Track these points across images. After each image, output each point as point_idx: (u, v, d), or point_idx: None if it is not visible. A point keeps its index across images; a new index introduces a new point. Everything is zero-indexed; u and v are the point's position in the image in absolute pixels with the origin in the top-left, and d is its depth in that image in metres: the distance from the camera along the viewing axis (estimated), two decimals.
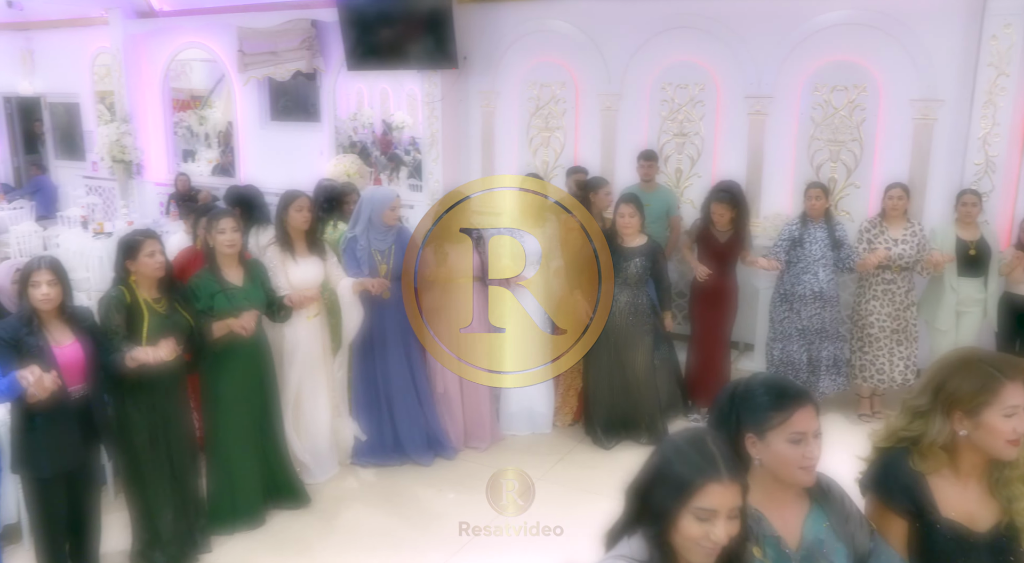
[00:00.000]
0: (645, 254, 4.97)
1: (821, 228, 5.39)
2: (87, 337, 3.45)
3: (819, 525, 1.88)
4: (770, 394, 1.83)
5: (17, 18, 11.39)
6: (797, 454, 1.79)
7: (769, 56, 6.54)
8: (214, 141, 10.86)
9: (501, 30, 7.67)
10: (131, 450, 3.73)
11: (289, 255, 4.47)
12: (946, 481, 1.95)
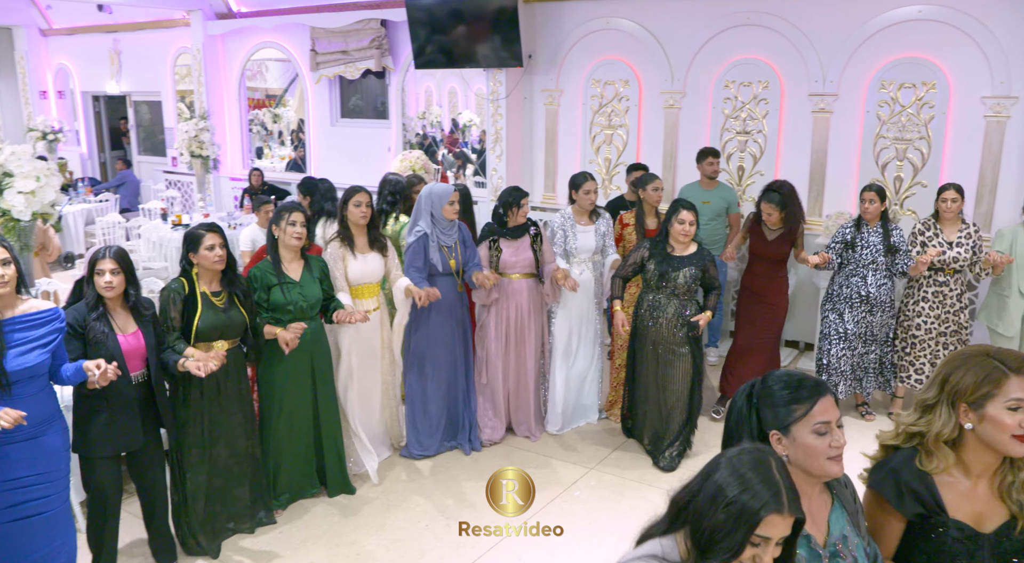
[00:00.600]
0: (695, 264, 4.70)
1: (875, 232, 5.28)
2: (149, 326, 3.57)
3: (841, 520, 1.91)
4: (788, 389, 1.84)
5: (106, 21, 11.97)
6: (824, 444, 1.80)
7: (835, 53, 6.48)
8: (287, 138, 11.23)
9: (566, 28, 7.76)
10: (180, 437, 3.85)
11: (349, 250, 4.52)
12: (955, 481, 1.95)
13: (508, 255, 4.97)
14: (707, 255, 4.75)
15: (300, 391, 4.28)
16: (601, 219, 5.31)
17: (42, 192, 4.29)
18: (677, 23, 7.14)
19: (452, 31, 7.98)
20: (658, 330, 4.78)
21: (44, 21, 13.04)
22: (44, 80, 13.50)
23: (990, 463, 1.95)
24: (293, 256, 4.20)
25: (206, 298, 3.77)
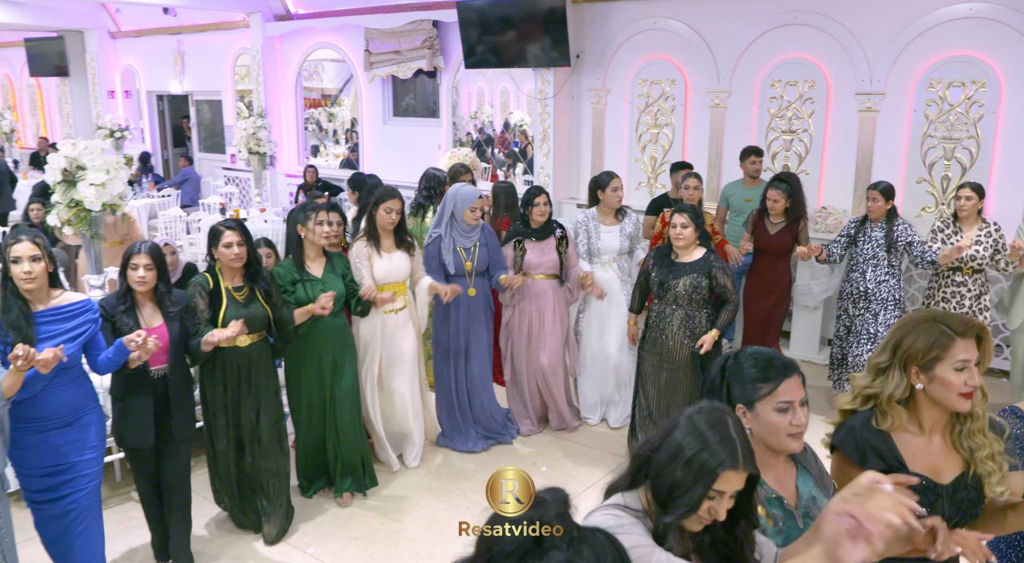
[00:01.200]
0: (699, 271, 4.37)
1: (879, 228, 5.27)
2: (175, 321, 3.63)
3: (808, 483, 2.04)
4: (757, 366, 1.95)
5: (171, 23, 12.43)
6: (785, 422, 1.91)
7: (883, 52, 6.47)
8: (341, 137, 11.53)
9: (613, 28, 7.86)
10: (209, 428, 3.98)
11: (375, 249, 4.54)
12: (911, 437, 2.08)
13: (533, 256, 5.01)
14: (715, 261, 4.40)
15: (325, 385, 4.35)
16: (627, 219, 5.31)
17: (111, 184, 4.56)
18: (724, 23, 7.19)
19: (502, 32, 8.14)
20: (663, 343, 4.52)
21: (113, 24, 13.58)
22: (112, 80, 14.06)
23: (940, 419, 2.09)
24: (316, 254, 4.25)
25: (229, 293, 3.86)
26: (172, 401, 3.67)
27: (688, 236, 4.36)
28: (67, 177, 4.56)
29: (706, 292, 4.39)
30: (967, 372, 1.99)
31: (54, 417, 3.23)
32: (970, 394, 2.01)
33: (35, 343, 3.15)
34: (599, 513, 1.72)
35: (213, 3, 10.76)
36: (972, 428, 2.07)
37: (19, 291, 3.19)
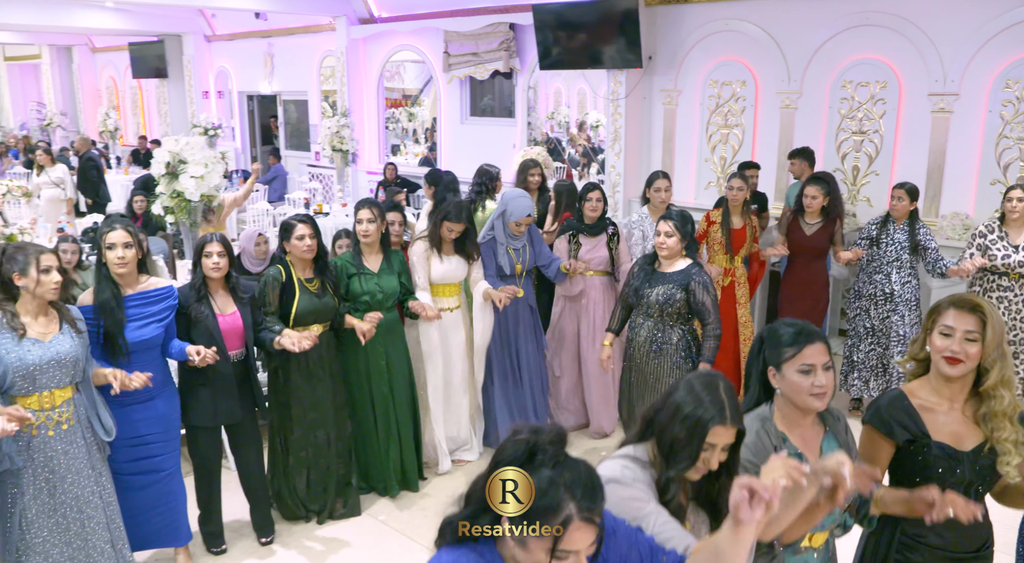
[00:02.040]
0: (676, 282, 4.07)
1: (902, 230, 5.26)
2: (246, 308, 3.83)
3: (832, 445, 2.25)
4: (787, 333, 2.17)
5: (262, 27, 13.05)
6: (808, 383, 2.11)
7: (957, 52, 6.44)
8: (421, 136, 11.93)
9: (685, 30, 7.99)
10: (280, 414, 4.16)
11: (435, 252, 4.64)
12: (936, 410, 2.31)
13: (584, 251, 5.11)
14: (696, 274, 4.07)
15: (377, 382, 4.45)
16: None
17: (209, 177, 4.98)
18: (795, 24, 7.25)
19: (576, 34, 8.36)
20: (633, 354, 4.32)
21: (209, 28, 14.32)
22: (206, 81, 14.82)
23: (955, 390, 2.31)
24: (371, 250, 4.38)
25: (302, 284, 4.02)
26: (249, 383, 3.92)
27: (672, 246, 4.06)
28: (170, 170, 4.99)
29: (681, 306, 4.06)
30: (951, 339, 2.23)
31: (134, 393, 3.43)
32: (953, 359, 2.22)
33: (124, 324, 3.46)
34: (610, 461, 1.97)
35: (302, 8, 11.27)
36: (996, 410, 2.23)
37: (112, 275, 3.48)
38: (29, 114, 19.70)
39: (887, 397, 2.37)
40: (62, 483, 3.20)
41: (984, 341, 2.21)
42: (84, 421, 3.27)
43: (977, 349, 2.21)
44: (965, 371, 2.25)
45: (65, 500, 3.22)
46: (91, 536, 3.30)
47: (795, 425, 2.21)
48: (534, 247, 5.00)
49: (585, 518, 1.54)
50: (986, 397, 2.26)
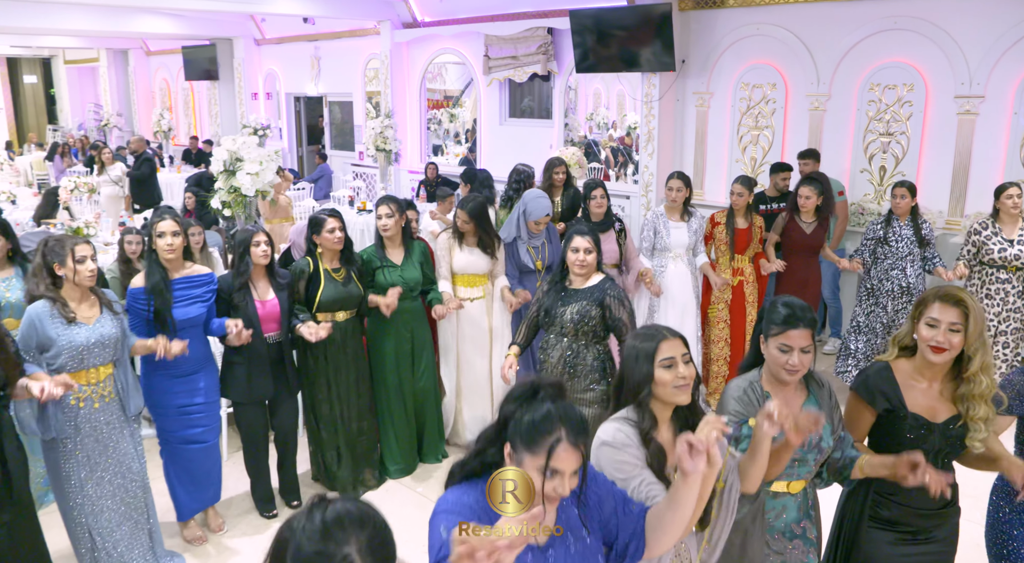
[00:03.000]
0: (589, 298, 3.78)
1: (907, 226, 5.57)
2: (284, 293, 4.22)
3: (813, 408, 2.53)
4: (780, 312, 2.45)
5: (309, 31, 13.51)
6: (783, 360, 2.42)
7: (984, 56, 6.59)
8: (462, 136, 12.29)
9: (718, 35, 8.22)
10: (310, 392, 4.50)
11: (457, 243, 4.97)
12: (914, 384, 2.60)
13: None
14: (610, 289, 3.80)
15: (403, 365, 4.76)
16: (694, 217, 5.71)
17: (263, 174, 5.36)
18: (825, 29, 7.45)
19: (611, 38, 8.63)
20: (546, 376, 4.07)
21: (259, 32, 14.84)
22: (255, 83, 15.35)
23: (935, 370, 2.58)
24: (393, 243, 4.69)
25: (328, 274, 4.35)
26: (285, 362, 4.31)
27: (591, 263, 3.80)
28: (227, 167, 5.38)
29: (597, 324, 3.78)
30: (936, 330, 2.49)
31: (179, 366, 3.89)
32: (938, 348, 2.49)
33: (171, 304, 3.87)
34: (607, 424, 2.28)
35: (348, 12, 11.68)
36: (973, 392, 2.51)
37: (160, 261, 3.89)
38: (87, 115, 20.50)
39: (874, 368, 2.65)
40: (105, 449, 3.63)
41: (967, 332, 2.46)
42: (122, 395, 3.68)
43: (960, 339, 2.47)
44: (949, 359, 2.51)
45: (110, 464, 3.66)
46: (130, 496, 3.74)
47: (779, 388, 2.52)
48: (552, 244, 5.26)
49: (572, 442, 1.83)
50: (966, 381, 2.52)
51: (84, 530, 3.64)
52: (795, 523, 2.61)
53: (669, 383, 2.22)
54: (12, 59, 21.52)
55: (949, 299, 2.49)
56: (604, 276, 3.85)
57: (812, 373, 2.59)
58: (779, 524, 2.59)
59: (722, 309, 5.93)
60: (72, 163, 14.93)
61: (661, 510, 2.00)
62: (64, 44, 18.00)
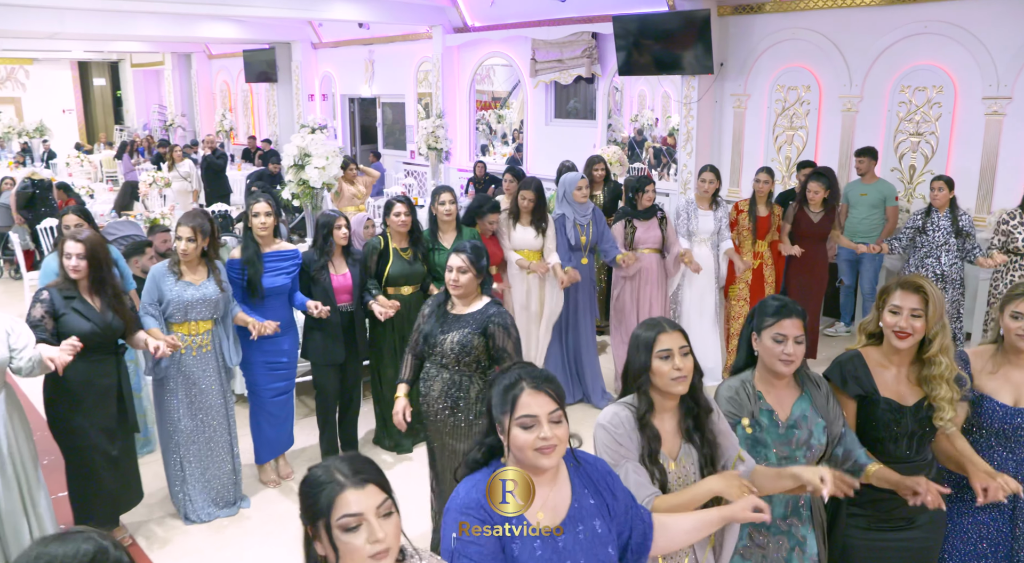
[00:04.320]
0: (471, 326, 3.51)
1: (945, 217, 5.94)
2: (356, 268, 4.81)
3: (805, 405, 2.61)
4: (772, 306, 2.55)
5: (364, 35, 14.12)
6: (779, 350, 2.50)
7: (1012, 59, 6.85)
8: (509, 137, 12.78)
9: (754, 39, 8.58)
10: (377, 357, 5.03)
11: (513, 223, 5.65)
12: (883, 370, 2.72)
13: (640, 233, 5.88)
14: (495, 316, 3.50)
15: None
16: (720, 207, 6.20)
17: (329, 168, 5.90)
18: (858, 33, 7.76)
19: (652, 42, 9.03)
20: (427, 411, 3.68)
21: (316, 36, 15.52)
22: (312, 85, 16.04)
23: (901, 356, 2.72)
24: (448, 228, 5.21)
25: (396, 252, 4.93)
26: (356, 329, 4.91)
27: (466, 283, 3.51)
28: (297, 162, 5.94)
29: (480, 353, 3.49)
30: (899, 316, 2.64)
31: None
32: (902, 334, 2.63)
33: (262, 274, 4.48)
34: (610, 406, 2.41)
35: (402, 18, 12.23)
36: (935, 373, 2.64)
37: (255, 237, 4.52)
38: (151, 115, 21.49)
39: (846, 356, 2.79)
40: (199, 394, 4.28)
41: (927, 317, 2.60)
42: (218, 349, 4.34)
43: (921, 324, 2.60)
44: (913, 343, 2.63)
45: (201, 407, 4.31)
46: (215, 437, 4.40)
47: (771, 386, 2.60)
48: (597, 227, 5.80)
49: (533, 386, 1.90)
50: (927, 363, 2.66)
51: (177, 459, 4.32)
52: (780, 519, 2.64)
53: (666, 374, 2.28)
54: (83, 63, 22.64)
55: (909, 286, 2.62)
56: (489, 301, 3.59)
57: (808, 372, 2.66)
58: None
59: (743, 289, 6.41)
60: (139, 161, 15.79)
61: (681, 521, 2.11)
62: (132, 48, 18.93)
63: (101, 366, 3.85)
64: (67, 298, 3.78)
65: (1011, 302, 2.79)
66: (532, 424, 1.87)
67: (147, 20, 13.68)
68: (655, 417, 2.33)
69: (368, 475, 1.66)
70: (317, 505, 1.63)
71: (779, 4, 8.26)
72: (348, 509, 1.61)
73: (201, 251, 4.22)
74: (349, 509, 1.61)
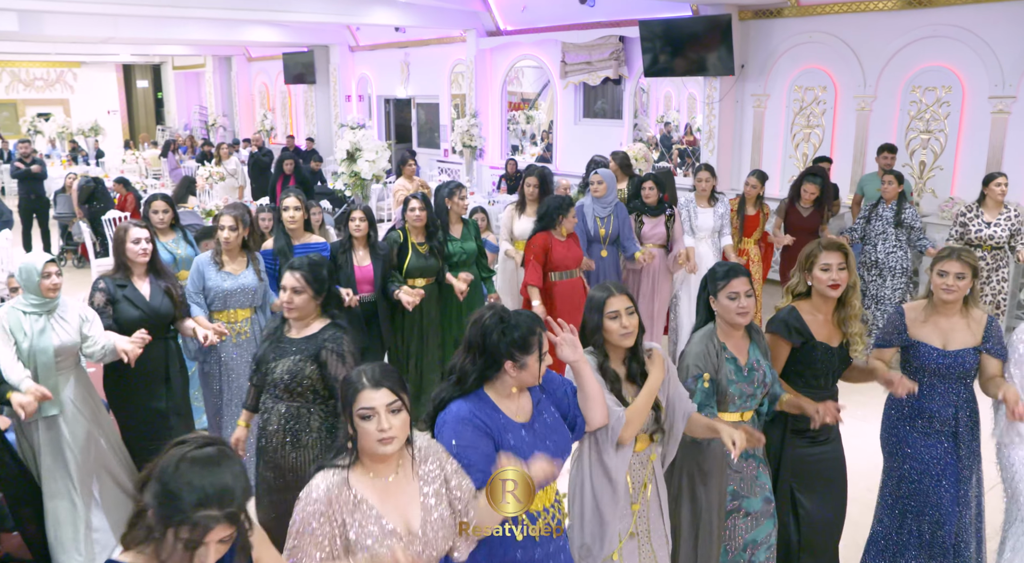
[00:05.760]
0: (304, 352, 3.23)
1: (890, 209, 6.37)
2: (379, 261, 4.92)
3: (756, 352, 3.12)
4: (721, 270, 3.02)
5: (400, 39, 14.72)
6: (734, 306, 2.96)
7: (1016, 60, 7.28)
8: (538, 138, 13.31)
9: (774, 42, 9.05)
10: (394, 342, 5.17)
11: (518, 213, 5.98)
12: (813, 319, 3.23)
13: (647, 228, 6.25)
14: (329, 341, 3.22)
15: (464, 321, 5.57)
16: (720, 203, 6.53)
17: (378, 161, 6.47)
18: (872, 36, 8.21)
19: (676, 46, 9.52)
20: (266, 447, 3.32)
21: (353, 40, 16.16)
22: (349, 86, 16.67)
23: (827, 306, 3.25)
24: (456, 220, 5.44)
25: (414, 246, 5.09)
26: (379, 317, 5.14)
27: (301, 305, 3.24)
28: (349, 156, 6.52)
29: (316, 382, 3.21)
30: (830, 272, 3.13)
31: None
32: (835, 285, 3.14)
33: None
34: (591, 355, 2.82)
35: (437, 22, 12.79)
36: (849, 313, 3.22)
37: (286, 229, 4.92)
38: (192, 116, 22.28)
39: (784, 312, 3.27)
40: (239, 379, 4.51)
41: (849, 268, 3.13)
42: (257, 336, 4.54)
43: (846, 275, 3.12)
44: (841, 292, 3.15)
45: (240, 391, 4.48)
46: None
47: (730, 337, 3.07)
48: (619, 220, 6.05)
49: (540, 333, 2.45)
50: (843, 305, 3.20)
51: (217, 433, 4.61)
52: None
53: (615, 331, 2.72)
54: (127, 66, 23.52)
55: (832, 246, 3.14)
56: (328, 323, 3.30)
57: (752, 324, 3.12)
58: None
59: None
60: (182, 158, 16.53)
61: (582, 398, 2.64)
62: (174, 52, 19.71)
63: (150, 350, 3.91)
64: (119, 286, 4.04)
65: (938, 262, 3.28)
66: (544, 358, 2.41)
67: (193, 24, 14.37)
68: (613, 363, 2.80)
69: (385, 381, 2.12)
70: (346, 398, 2.12)
71: (797, 8, 8.72)
72: (364, 403, 2.08)
73: (242, 241, 4.55)
74: (364, 403, 2.08)
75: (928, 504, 3.38)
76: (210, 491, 1.69)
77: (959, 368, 3.30)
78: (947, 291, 3.27)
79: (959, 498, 3.37)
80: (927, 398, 3.37)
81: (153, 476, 1.73)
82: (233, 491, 1.73)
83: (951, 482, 3.36)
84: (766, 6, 8.94)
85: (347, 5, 11.99)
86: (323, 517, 2.07)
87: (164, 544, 1.70)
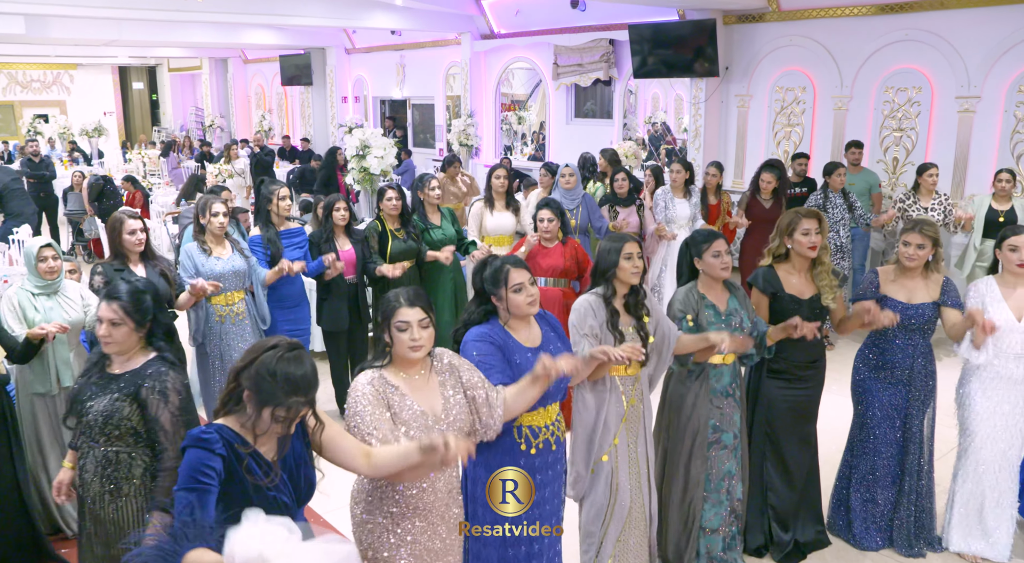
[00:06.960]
0: (122, 391, 2.86)
1: (839, 197, 7.03)
2: (359, 246, 5.41)
3: (734, 302, 3.69)
4: (701, 234, 3.62)
5: (395, 41, 15.12)
6: (718, 262, 3.55)
7: (980, 62, 7.79)
8: (528, 138, 13.76)
9: (756, 45, 9.54)
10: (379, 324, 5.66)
11: (488, 209, 6.15)
12: (787, 275, 3.83)
13: (621, 218, 6.69)
14: (152, 375, 2.87)
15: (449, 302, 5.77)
16: (694, 194, 7.01)
17: (386, 158, 6.91)
18: (848, 40, 8.72)
19: (664, 48, 9.99)
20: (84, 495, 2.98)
21: (349, 42, 16.55)
22: (345, 88, 17.05)
23: (802, 264, 3.85)
24: (434, 209, 5.86)
25: (392, 233, 5.49)
26: (359, 300, 5.58)
27: (120, 339, 2.88)
28: (359, 152, 6.95)
29: (136, 424, 2.84)
30: (809, 236, 3.74)
31: (286, 300, 5.28)
32: (813, 247, 3.74)
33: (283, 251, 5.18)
34: (583, 297, 3.39)
35: (433, 26, 13.19)
36: (820, 270, 3.84)
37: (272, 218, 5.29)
38: (188, 117, 22.62)
39: (762, 270, 3.88)
40: (231, 360, 4.75)
41: (823, 232, 3.75)
42: (252, 317, 4.96)
43: (821, 237, 3.74)
44: (818, 252, 3.74)
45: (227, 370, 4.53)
46: None
47: (710, 289, 3.66)
48: (587, 209, 6.46)
49: (513, 265, 2.92)
50: (816, 262, 3.81)
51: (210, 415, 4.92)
52: (729, 385, 3.67)
53: (628, 269, 3.29)
54: (123, 68, 23.82)
55: (811, 214, 3.76)
56: (154, 356, 2.94)
57: (729, 280, 3.70)
58: (719, 387, 3.64)
59: None
60: (180, 159, 16.90)
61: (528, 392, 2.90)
62: (170, 54, 20.01)
63: None
64: (117, 270, 4.30)
65: (905, 233, 3.89)
66: (521, 289, 2.88)
67: (192, 27, 14.70)
68: (616, 300, 3.35)
69: (418, 301, 2.64)
70: (385, 313, 2.64)
71: (778, 13, 9.22)
72: (400, 317, 2.60)
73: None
74: (401, 317, 2.59)
75: (881, 442, 3.98)
76: (300, 383, 2.22)
77: (919, 319, 3.87)
78: (909, 258, 3.84)
79: (908, 435, 3.95)
80: (890, 351, 3.95)
81: (253, 368, 2.24)
82: (313, 383, 2.27)
83: (901, 421, 3.95)
84: (749, 11, 9.44)
85: (345, 9, 12.34)
86: (369, 402, 2.56)
87: (260, 420, 2.23)
